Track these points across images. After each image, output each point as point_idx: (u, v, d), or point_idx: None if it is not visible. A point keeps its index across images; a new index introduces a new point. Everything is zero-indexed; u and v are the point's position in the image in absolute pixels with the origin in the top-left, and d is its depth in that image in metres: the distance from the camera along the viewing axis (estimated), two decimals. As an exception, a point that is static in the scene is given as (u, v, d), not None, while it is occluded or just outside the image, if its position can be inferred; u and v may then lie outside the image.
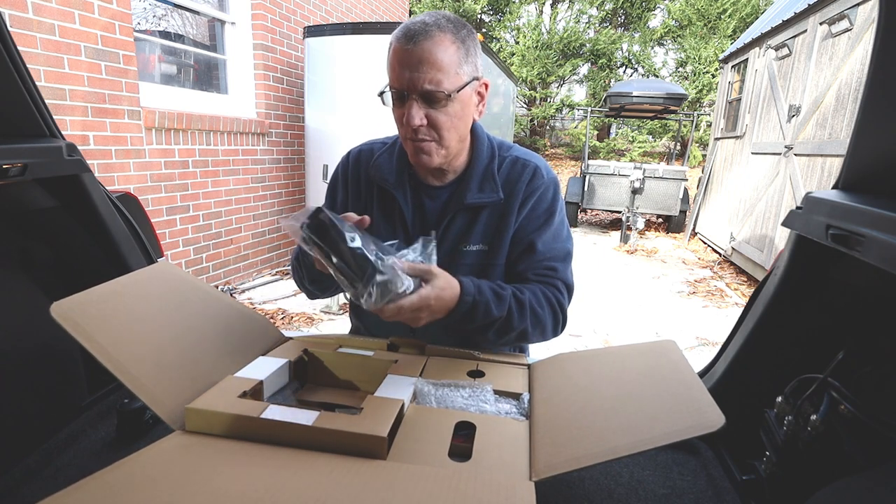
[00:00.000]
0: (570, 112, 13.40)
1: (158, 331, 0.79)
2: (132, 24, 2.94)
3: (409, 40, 0.88)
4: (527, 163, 1.07)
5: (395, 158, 1.07)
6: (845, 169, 0.88)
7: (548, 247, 1.04)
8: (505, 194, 1.03)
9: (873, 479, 0.63)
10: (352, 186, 1.11)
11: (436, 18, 0.91)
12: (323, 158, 4.02)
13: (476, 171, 1.04)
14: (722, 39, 11.37)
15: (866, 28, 3.34)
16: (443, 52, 0.89)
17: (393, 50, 0.91)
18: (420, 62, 0.88)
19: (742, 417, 0.96)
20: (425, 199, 1.07)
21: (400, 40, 0.89)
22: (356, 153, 1.13)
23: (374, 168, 1.08)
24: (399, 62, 0.89)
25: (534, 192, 1.04)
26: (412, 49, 0.88)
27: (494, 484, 0.57)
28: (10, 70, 0.91)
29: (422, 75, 0.88)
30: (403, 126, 0.94)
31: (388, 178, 1.06)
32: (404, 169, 1.06)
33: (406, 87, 0.90)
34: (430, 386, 0.78)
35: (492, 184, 1.03)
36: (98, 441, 0.92)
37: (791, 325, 0.94)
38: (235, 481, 0.56)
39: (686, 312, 3.95)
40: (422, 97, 0.91)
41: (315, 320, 3.36)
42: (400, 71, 0.89)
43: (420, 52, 0.88)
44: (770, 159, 4.72)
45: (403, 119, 0.92)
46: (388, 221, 1.07)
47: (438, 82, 0.89)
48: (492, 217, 1.04)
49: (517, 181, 1.04)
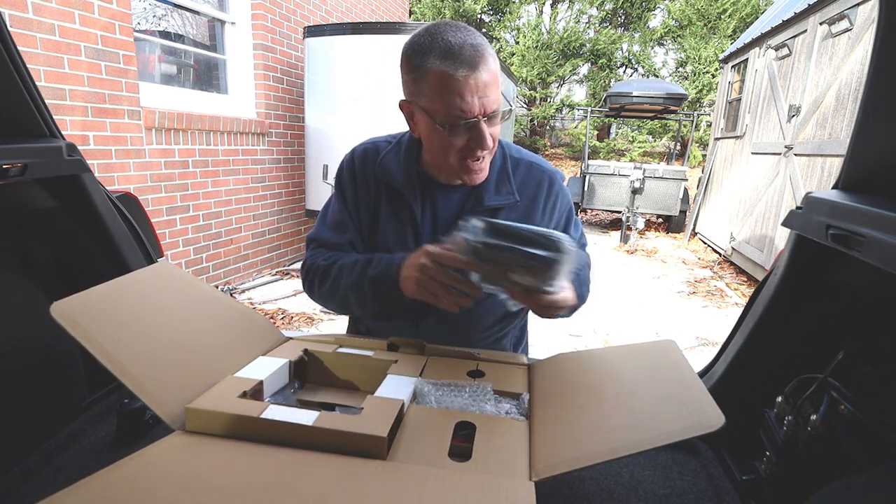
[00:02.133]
0: (570, 112, 13.40)
1: (158, 331, 0.79)
2: (132, 24, 2.94)
3: (472, 68, 0.86)
4: (541, 168, 1.11)
5: (401, 157, 1.06)
6: (845, 169, 0.88)
7: (573, 231, 1.16)
8: (521, 197, 1.06)
9: (873, 479, 0.63)
10: (360, 185, 1.09)
11: (472, 35, 0.89)
12: (323, 158, 4.02)
13: (491, 173, 1.05)
14: (722, 39, 11.37)
15: (866, 28, 3.34)
16: (495, 70, 0.90)
17: (452, 79, 0.86)
18: (486, 86, 0.88)
19: (742, 417, 0.96)
20: (439, 199, 1.07)
21: (460, 69, 0.86)
22: (361, 151, 1.12)
23: (381, 167, 1.06)
24: (467, 91, 0.87)
25: (557, 197, 1.11)
26: (479, 75, 0.87)
27: (494, 484, 0.57)
28: (10, 70, 0.91)
29: (489, 98, 0.89)
30: (466, 150, 0.93)
31: (397, 177, 1.05)
32: (412, 168, 1.06)
33: (477, 114, 0.89)
34: (430, 386, 0.78)
35: (507, 186, 1.06)
36: (98, 441, 0.92)
37: (791, 325, 0.94)
38: (235, 481, 0.56)
39: (686, 312, 3.95)
40: (488, 118, 0.91)
41: (315, 320, 3.36)
42: (471, 100, 0.87)
43: (485, 76, 0.87)
44: (770, 159, 4.72)
45: (470, 143, 0.92)
46: (396, 220, 1.07)
47: (498, 100, 0.91)
48: (509, 218, 1.07)
49: (537, 188, 1.09)
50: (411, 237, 1.05)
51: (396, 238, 1.06)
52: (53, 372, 1.01)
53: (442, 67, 0.86)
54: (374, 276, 0.97)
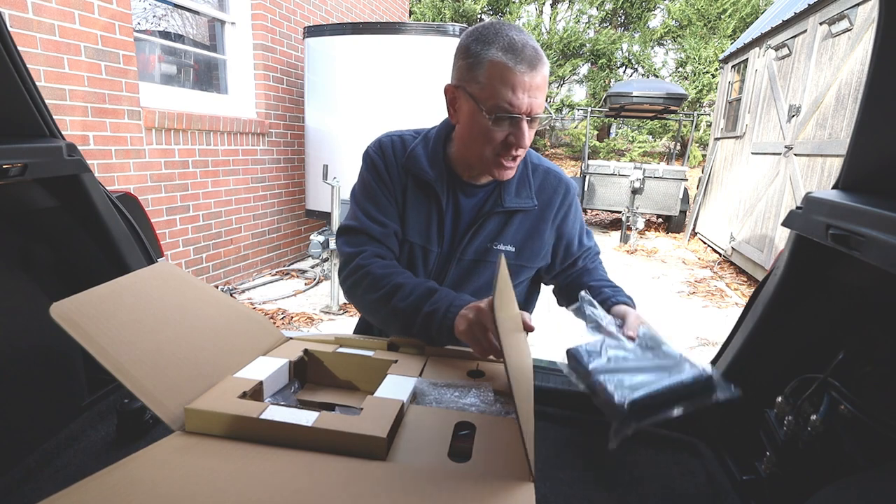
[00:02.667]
0: (570, 112, 13.40)
1: (158, 331, 0.79)
2: (132, 24, 2.94)
3: (531, 67, 0.90)
4: (559, 176, 1.15)
5: (429, 151, 1.07)
6: (845, 169, 0.88)
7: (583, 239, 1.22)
8: (538, 202, 1.11)
9: (873, 479, 0.63)
10: (392, 174, 1.08)
11: (533, 39, 0.93)
12: (323, 158, 4.02)
13: (514, 176, 1.08)
14: (722, 39, 11.37)
15: (866, 28, 3.34)
16: (547, 76, 0.94)
17: (504, 69, 0.89)
18: (538, 89, 0.92)
19: (742, 417, 0.96)
20: (461, 196, 1.09)
21: (520, 65, 0.89)
22: (388, 142, 1.11)
23: (411, 159, 1.07)
24: (521, 87, 0.90)
25: (570, 205, 1.17)
26: (534, 76, 0.90)
27: (494, 484, 0.57)
28: (10, 70, 0.91)
29: (538, 101, 0.92)
30: (503, 145, 0.96)
31: (428, 171, 1.06)
32: (440, 163, 1.07)
33: (525, 112, 0.92)
34: (430, 386, 0.78)
35: (527, 190, 1.10)
36: (98, 441, 0.92)
37: (791, 325, 0.94)
38: (235, 481, 0.56)
39: (686, 312, 3.95)
40: (531, 120, 0.94)
41: (315, 320, 3.36)
42: (521, 96, 0.90)
43: (539, 79, 0.91)
44: (770, 159, 4.72)
45: (510, 139, 0.95)
46: (421, 214, 1.08)
47: (542, 105, 0.94)
48: (524, 221, 1.11)
49: (553, 193, 1.13)
50: (435, 229, 1.08)
51: (420, 229, 1.09)
52: (53, 372, 1.01)
53: (503, 59, 0.89)
54: (428, 313, 0.95)
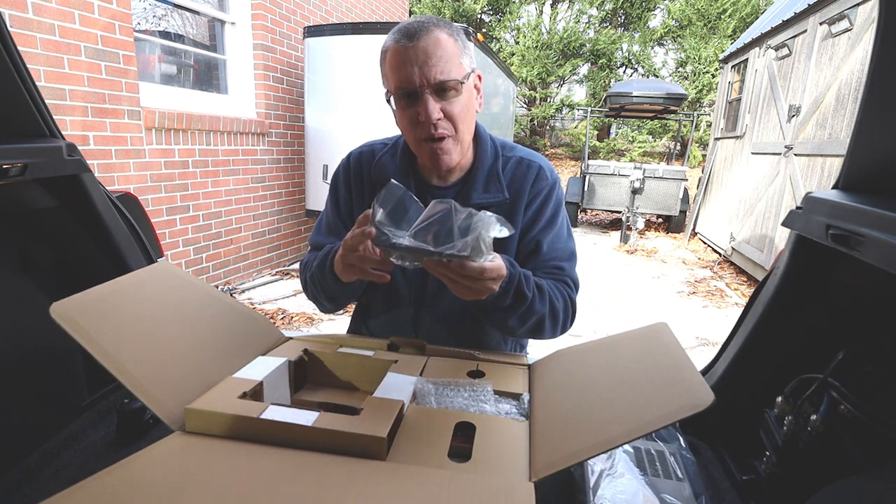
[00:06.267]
0: (570, 112, 13.40)
1: (158, 331, 0.79)
2: (132, 24, 2.93)
3: (411, 38, 0.89)
4: (531, 163, 1.07)
5: (397, 159, 1.07)
6: (845, 169, 0.88)
7: (552, 247, 1.05)
8: (510, 194, 1.04)
9: (873, 479, 0.63)
10: (354, 188, 1.11)
11: (427, 18, 0.93)
12: (323, 158, 4.02)
13: (481, 171, 1.04)
14: (722, 39, 11.38)
15: (866, 28, 3.34)
16: (445, 45, 0.90)
17: (392, 52, 0.91)
18: (427, 55, 0.89)
19: (742, 417, 0.96)
20: (429, 199, 1.07)
21: (399, 41, 0.90)
22: (357, 154, 1.13)
23: (377, 168, 1.08)
24: (404, 61, 0.89)
25: (539, 193, 1.05)
26: (416, 45, 0.89)
27: (494, 484, 0.57)
28: (10, 70, 0.91)
29: (431, 68, 0.89)
30: (418, 125, 0.93)
31: (391, 177, 1.05)
32: (408, 169, 1.07)
33: (418, 83, 0.90)
34: (430, 386, 0.78)
35: (497, 184, 1.04)
36: (98, 441, 0.92)
37: (791, 325, 0.94)
38: (235, 482, 0.56)
39: (686, 312, 3.95)
40: (435, 90, 0.91)
41: (315, 320, 3.36)
42: (408, 69, 0.89)
43: (425, 46, 0.89)
44: (770, 159, 4.72)
45: (419, 117, 0.92)
46: None
47: (448, 72, 0.90)
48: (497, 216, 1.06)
49: (522, 181, 1.05)
50: None
51: None
52: (53, 372, 1.01)
53: (391, 44, 0.91)
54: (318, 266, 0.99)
